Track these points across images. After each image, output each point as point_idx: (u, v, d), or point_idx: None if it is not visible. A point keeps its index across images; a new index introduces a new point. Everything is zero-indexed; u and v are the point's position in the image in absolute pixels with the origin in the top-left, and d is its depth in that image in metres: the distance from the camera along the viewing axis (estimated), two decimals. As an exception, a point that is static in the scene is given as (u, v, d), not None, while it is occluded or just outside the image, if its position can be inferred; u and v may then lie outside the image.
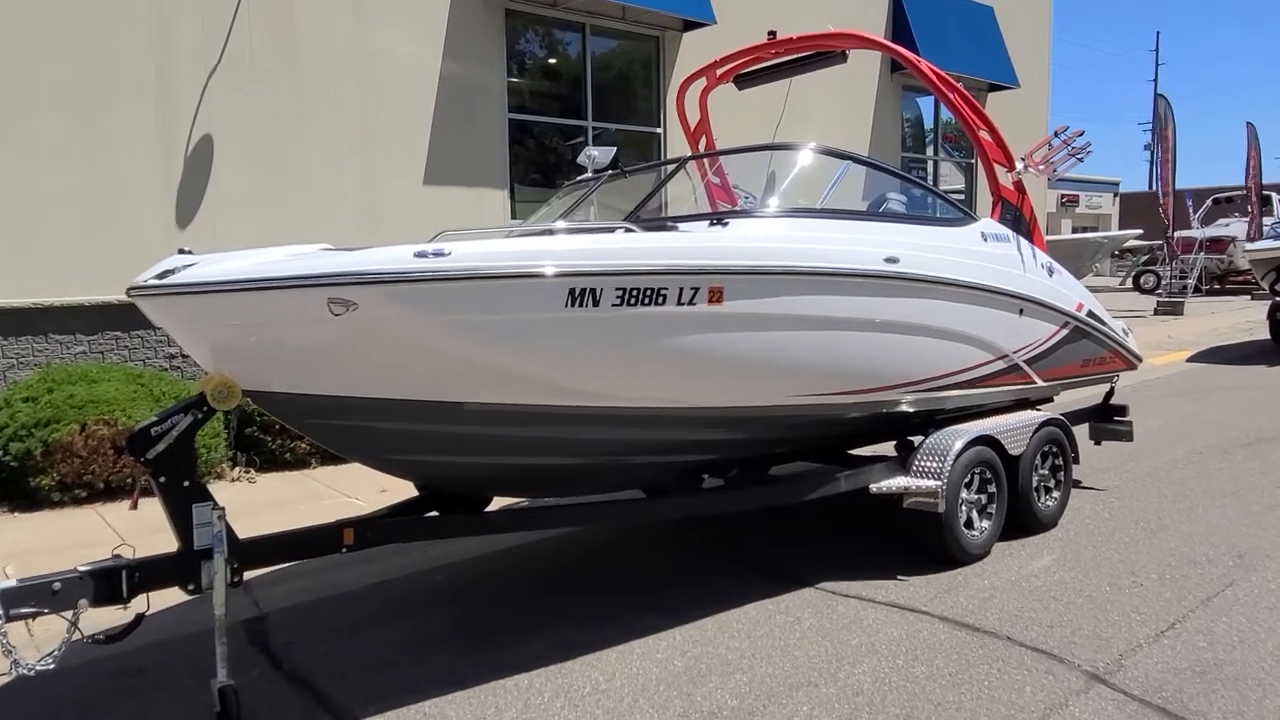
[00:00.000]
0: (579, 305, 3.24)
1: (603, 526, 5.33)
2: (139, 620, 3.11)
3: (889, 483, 4.52)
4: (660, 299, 3.41)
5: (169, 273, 2.95)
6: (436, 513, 4.01)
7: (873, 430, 5.02)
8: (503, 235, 3.88)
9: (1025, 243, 5.22)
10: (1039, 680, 3.35)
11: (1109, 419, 6.34)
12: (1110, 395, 6.40)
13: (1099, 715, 3.09)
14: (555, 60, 9.76)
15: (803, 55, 6.17)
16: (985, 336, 4.78)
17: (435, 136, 8.40)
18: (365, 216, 7.97)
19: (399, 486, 4.30)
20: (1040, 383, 5.32)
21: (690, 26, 10.02)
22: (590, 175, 5.03)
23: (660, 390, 3.67)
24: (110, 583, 2.99)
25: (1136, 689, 3.25)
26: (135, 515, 3.77)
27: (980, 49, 13.45)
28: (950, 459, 4.48)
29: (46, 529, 5.27)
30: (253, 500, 5.73)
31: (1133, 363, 6.23)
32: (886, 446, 5.33)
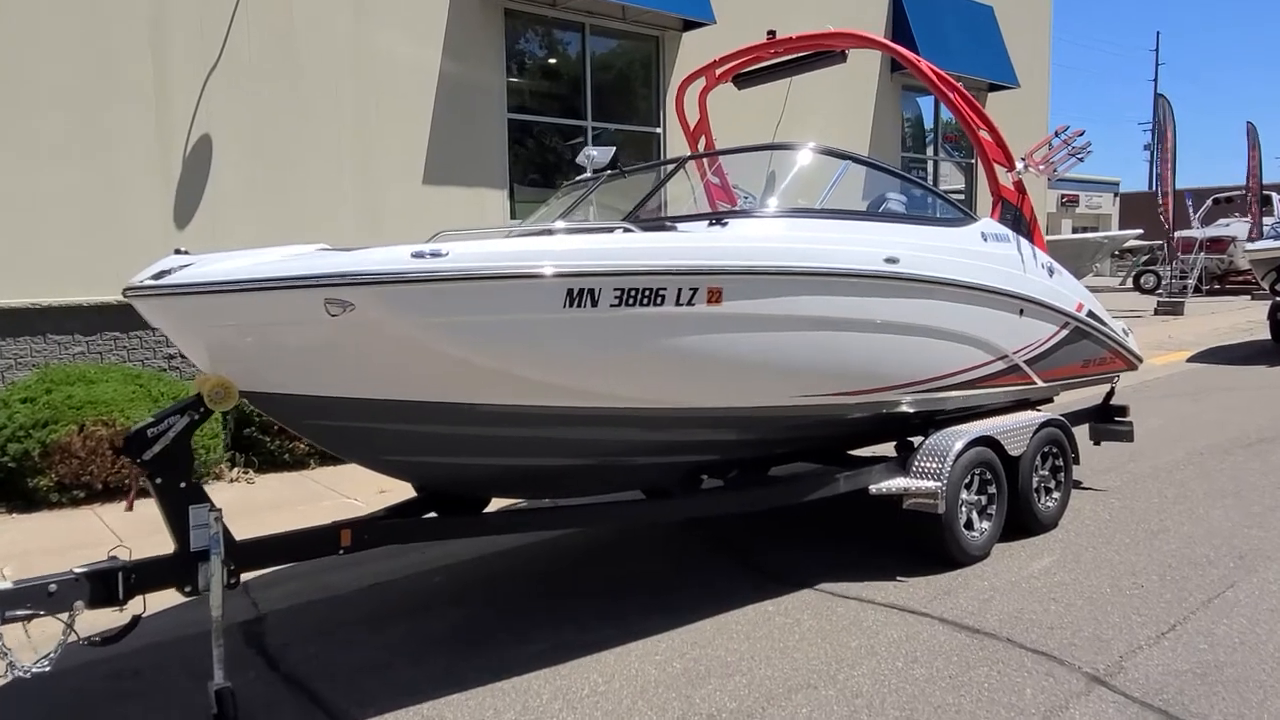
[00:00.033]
0: (577, 306, 3.23)
1: (601, 528, 5.32)
2: (135, 622, 3.09)
3: (889, 484, 4.51)
4: (659, 299, 3.40)
5: (165, 273, 2.94)
6: (435, 514, 4.01)
7: (872, 431, 5.01)
8: (501, 235, 3.87)
9: (1025, 243, 5.22)
10: (1039, 682, 3.34)
11: (1109, 419, 6.33)
12: (1110, 396, 6.39)
13: (1099, 718, 3.08)
14: (555, 60, 9.75)
15: (802, 55, 6.16)
16: (985, 337, 4.77)
17: (435, 136, 8.40)
18: (365, 216, 7.97)
19: (398, 488, 4.29)
20: (1040, 383, 5.31)
21: (690, 26, 10.02)
22: (589, 175, 5.01)
23: (658, 391, 3.66)
24: (106, 585, 2.97)
25: (1137, 691, 3.24)
26: (134, 516, 3.76)
27: (980, 49, 13.44)
28: (950, 460, 4.47)
29: (44, 530, 5.26)
30: (251, 501, 5.72)
31: (1133, 363, 6.22)
32: (886, 447, 5.32)
